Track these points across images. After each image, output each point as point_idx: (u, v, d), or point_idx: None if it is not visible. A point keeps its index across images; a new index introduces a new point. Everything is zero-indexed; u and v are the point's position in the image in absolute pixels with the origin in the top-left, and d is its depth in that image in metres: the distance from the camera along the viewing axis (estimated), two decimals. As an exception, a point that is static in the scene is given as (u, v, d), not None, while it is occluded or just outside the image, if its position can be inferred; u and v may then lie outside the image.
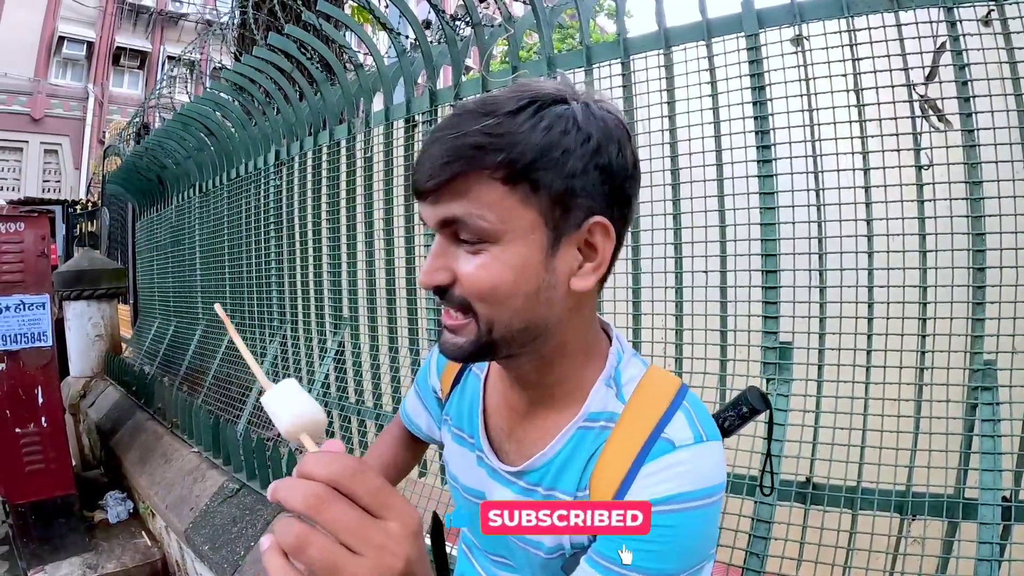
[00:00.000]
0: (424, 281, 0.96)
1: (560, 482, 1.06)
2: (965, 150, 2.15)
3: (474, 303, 0.94)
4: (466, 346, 0.98)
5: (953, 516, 2.09)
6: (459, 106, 0.95)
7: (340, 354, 4.12)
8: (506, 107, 0.90)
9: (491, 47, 3.19)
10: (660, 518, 0.92)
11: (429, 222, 0.96)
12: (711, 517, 0.98)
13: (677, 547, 0.94)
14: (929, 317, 2.20)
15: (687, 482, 0.95)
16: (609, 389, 1.07)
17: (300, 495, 0.66)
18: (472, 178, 0.89)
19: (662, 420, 1.01)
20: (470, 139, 0.89)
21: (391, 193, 3.80)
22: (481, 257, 0.92)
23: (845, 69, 2.32)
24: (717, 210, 2.53)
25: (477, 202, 0.90)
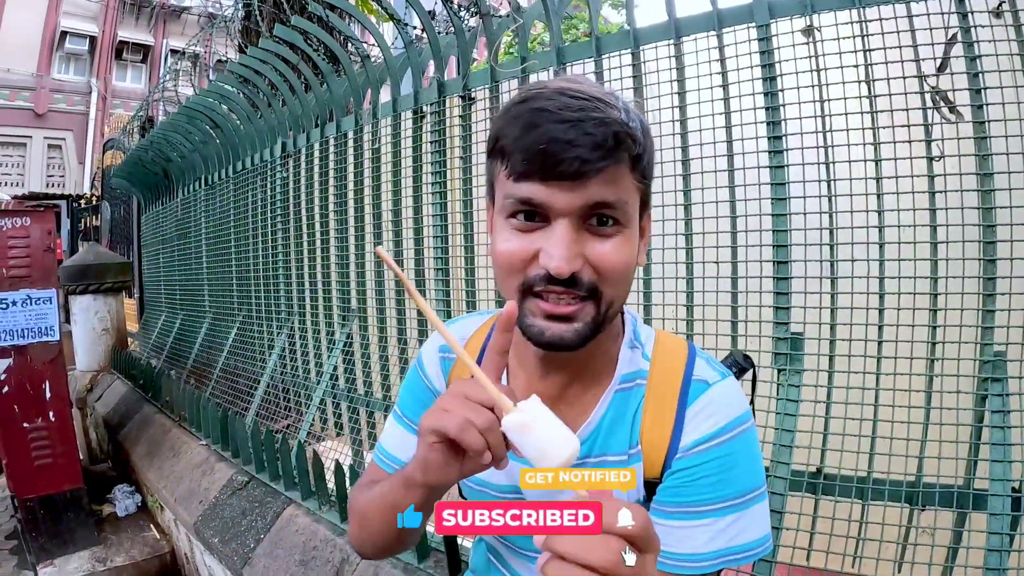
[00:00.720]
0: (566, 269, 0.94)
1: (610, 446, 1.13)
2: (976, 142, 2.14)
3: (603, 285, 0.99)
4: (583, 330, 1.00)
5: (963, 507, 2.09)
6: (563, 88, 0.96)
7: (348, 346, 4.12)
8: (616, 101, 0.97)
9: (499, 38, 3.18)
10: (718, 449, 1.06)
11: (562, 204, 0.95)
12: (755, 436, 1.12)
13: (738, 470, 1.06)
14: (940, 308, 2.19)
15: (729, 412, 1.08)
16: (634, 350, 1.17)
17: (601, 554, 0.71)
18: (621, 165, 0.96)
19: (687, 366, 1.13)
20: (618, 127, 0.94)
21: (399, 184, 3.80)
22: (615, 240, 0.98)
23: (856, 60, 2.31)
24: (728, 201, 2.53)
25: (622, 188, 0.97)
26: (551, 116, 0.92)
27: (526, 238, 0.98)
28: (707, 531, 1.03)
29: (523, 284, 1.00)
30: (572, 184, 0.93)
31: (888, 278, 2.26)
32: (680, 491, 1.06)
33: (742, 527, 1.04)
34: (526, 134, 0.94)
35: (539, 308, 1.00)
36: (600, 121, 0.92)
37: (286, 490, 3.63)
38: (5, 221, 4.44)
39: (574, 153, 0.91)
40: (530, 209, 0.97)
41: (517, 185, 0.96)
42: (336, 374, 4.14)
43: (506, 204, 1.00)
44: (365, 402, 3.90)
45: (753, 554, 1.06)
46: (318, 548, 3.07)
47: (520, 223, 0.99)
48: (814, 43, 2.38)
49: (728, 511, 1.04)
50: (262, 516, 3.56)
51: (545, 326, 1.00)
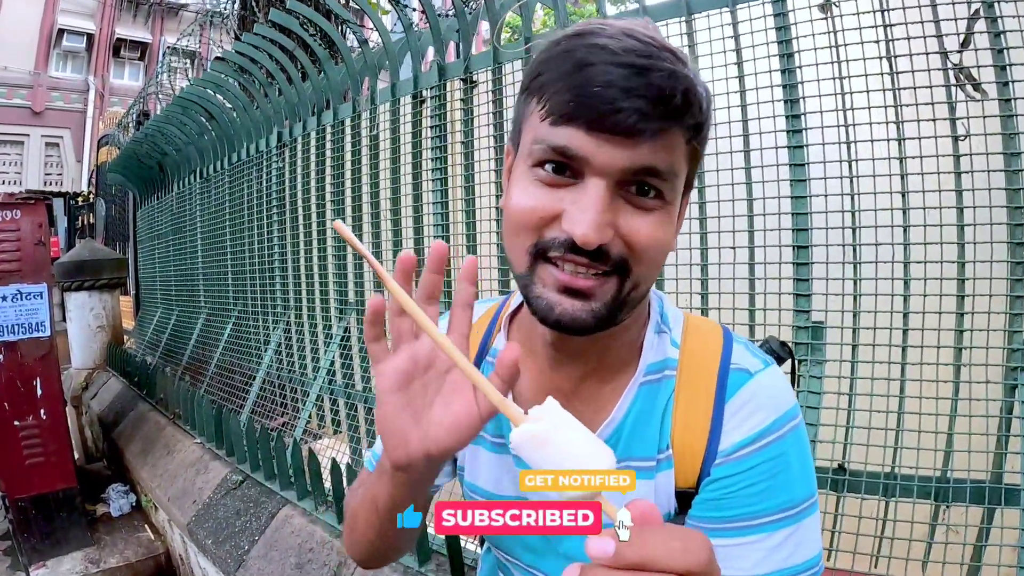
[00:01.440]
0: (594, 239, 0.79)
1: (634, 449, 0.97)
2: (1002, 119, 2.09)
3: (635, 263, 0.84)
4: (601, 310, 0.85)
5: (993, 502, 2.03)
6: (629, 29, 0.81)
7: (346, 340, 4.06)
8: (688, 60, 0.82)
9: (502, 18, 3.09)
10: (764, 452, 0.91)
11: (606, 161, 0.79)
12: (806, 435, 0.96)
13: (790, 474, 0.91)
14: (967, 294, 2.14)
15: (777, 407, 0.93)
16: (661, 335, 1.02)
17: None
18: (679, 132, 0.81)
19: (724, 354, 0.98)
20: (685, 85, 0.79)
21: (398, 172, 3.73)
22: (655, 215, 0.83)
23: (877, 36, 2.26)
24: (745, 183, 2.46)
25: (676, 158, 0.82)
26: (612, 57, 0.77)
27: (550, 194, 0.83)
28: (757, 549, 0.89)
29: (536, 246, 0.85)
30: (623, 140, 0.78)
31: (913, 263, 2.20)
32: (722, 504, 0.92)
33: (796, 543, 0.90)
34: (577, 71, 0.78)
35: (552, 277, 0.85)
36: (670, 74, 0.77)
37: (281, 490, 3.58)
38: (-6, 214, 4.38)
39: (634, 104, 0.76)
40: (563, 161, 0.82)
41: (554, 129, 0.81)
42: (333, 369, 4.09)
43: (535, 150, 0.84)
44: (363, 398, 3.83)
45: (811, 573, 0.90)
46: (314, 550, 3.00)
47: (547, 175, 0.83)
48: (832, 19, 2.32)
49: (781, 524, 0.89)
50: (257, 517, 3.49)
51: (556, 300, 0.85)
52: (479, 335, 1.16)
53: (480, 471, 1.12)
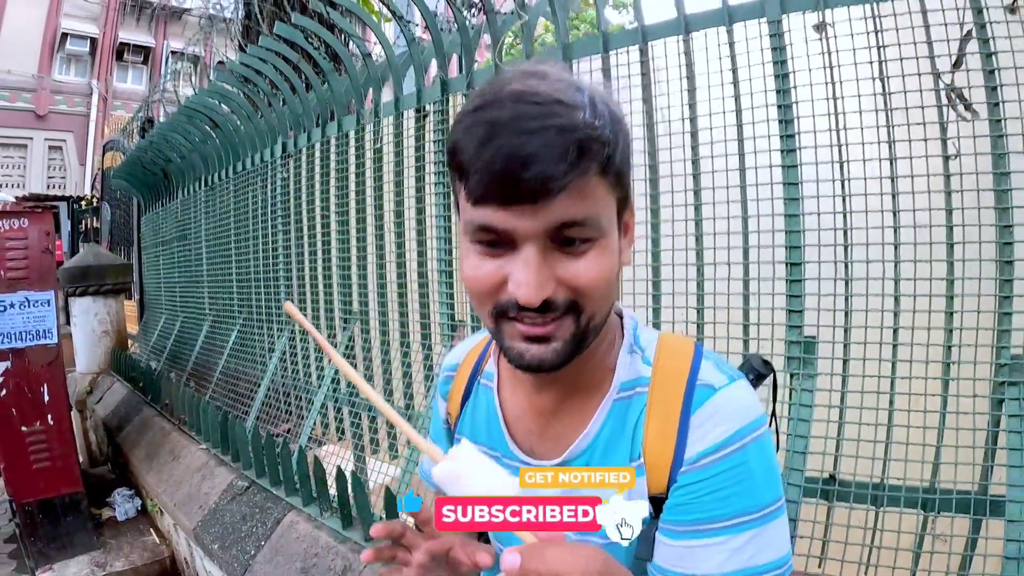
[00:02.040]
0: (536, 297, 0.87)
1: (609, 460, 1.05)
2: (992, 139, 2.13)
3: (583, 301, 0.92)
4: (563, 348, 0.94)
5: (979, 513, 2.07)
6: (518, 92, 0.87)
7: (350, 349, 4.10)
8: (579, 99, 0.87)
9: (504, 35, 3.14)
10: (727, 461, 0.97)
11: (524, 228, 0.87)
12: (770, 444, 1.02)
13: (753, 481, 0.97)
14: (955, 311, 2.18)
15: (739, 419, 0.99)
16: (634, 355, 1.09)
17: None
18: (587, 176, 0.86)
19: (692, 370, 1.04)
20: (582, 134, 0.84)
21: (402, 184, 3.77)
22: (591, 254, 0.90)
23: (870, 56, 2.30)
24: (739, 201, 2.51)
25: (593, 200, 0.88)
26: (506, 128, 0.83)
27: (494, 263, 0.91)
28: (722, 550, 0.95)
29: (494, 309, 0.94)
30: (535, 206, 0.85)
31: (903, 279, 2.24)
32: (688, 508, 0.98)
33: (761, 545, 0.95)
34: (481, 151, 0.84)
35: (515, 330, 0.94)
36: (561, 128, 0.83)
37: (287, 496, 3.60)
38: (2, 223, 4.44)
39: (534, 171, 0.82)
40: (492, 236, 0.89)
41: (476, 210, 0.88)
42: (337, 377, 4.13)
43: (468, 229, 0.92)
44: (367, 406, 3.87)
45: (775, 574, 0.95)
46: (319, 555, 3.04)
47: (485, 248, 0.91)
48: (827, 39, 2.36)
49: (744, 527, 0.95)
50: (263, 522, 3.53)
51: (524, 348, 0.94)
52: (472, 361, 1.28)
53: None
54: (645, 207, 2.69)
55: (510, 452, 1.15)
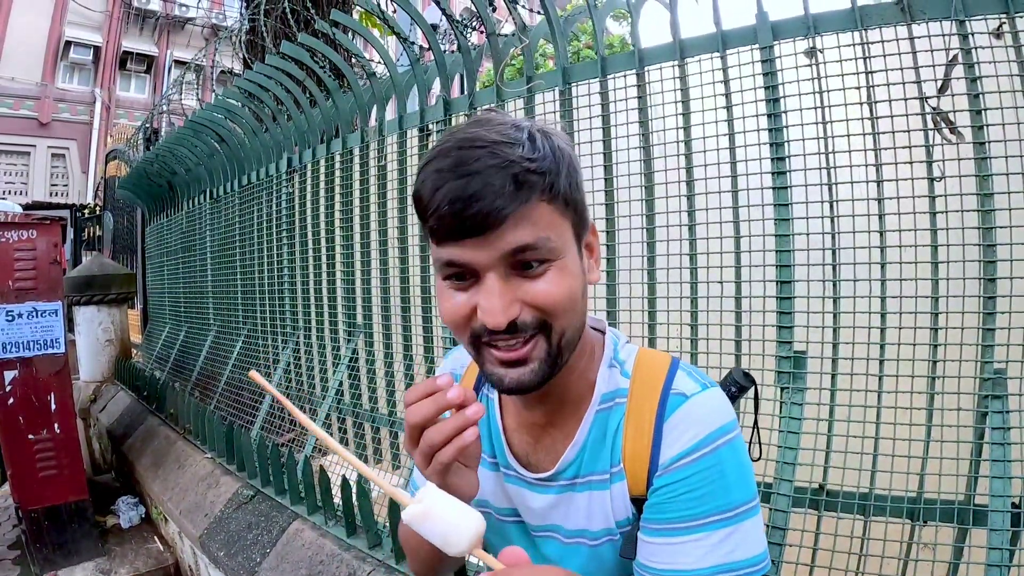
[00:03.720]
0: (501, 321, 0.95)
1: (594, 465, 1.14)
2: (977, 162, 2.16)
3: (551, 319, 0.99)
4: (540, 368, 1.01)
5: (964, 522, 2.11)
6: (463, 138, 0.97)
7: (354, 361, 4.14)
8: (518, 136, 0.97)
9: (506, 57, 3.21)
10: (699, 463, 1.04)
11: (482, 260, 0.95)
12: (742, 447, 1.08)
13: (725, 482, 1.03)
14: (941, 327, 2.21)
15: (709, 424, 1.06)
16: (613, 369, 1.17)
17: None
18: (532, 204, 0.95)
19: (667, 381, 1.12)
20: (518, 168, 0.93)
21: (405, 201, 3.81)
22: (550, 274, 0.98)
23: (859, 81, 2.33)
24: (732, 221, 2.55)
25: (541, 225, 0.96)
26: (451, 174, 0.93)
27: (463, 295, 1.00)
28: (699, 547, 1.00)
29: (471, 338, 1.03)
30: (484, 238, 0.93)
31: (890, 297, 2.28)
32: (665, 507, 1.05)
33: (737, 542, 1.01)
34: (433, 196, 0.94)
35: (492, 356, 1.02)
36: (498, 167, 0.93)
37: (292, 504, 3.64)
38: (11, 234, 4.46)
39: (476, 208, 0.91)
40: (458, 271, 0.98)
41: (440, 249, 0.98)
42: (342, 389, 4.16)
43: (436, 266, 1.02)
44: (371, 417, 3.92)
45: (753, 570, 1.01)
46: (324, 563, 3.08)
47: (454, 283, 1.00)
48: (817, 65, 2.40)
49: (719, 525, 1.01)
50: (268, 530, 3.57)
51: (503, 373, 1.02)
52: (476, 370, 1.33)
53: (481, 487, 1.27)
54: (641, 227, 2.74)
55: (508, 463, 1.22)
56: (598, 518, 1.14)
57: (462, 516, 0.84)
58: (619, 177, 2.82)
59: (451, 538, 0.83)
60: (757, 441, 1.78)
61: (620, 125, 2.82)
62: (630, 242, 2.77)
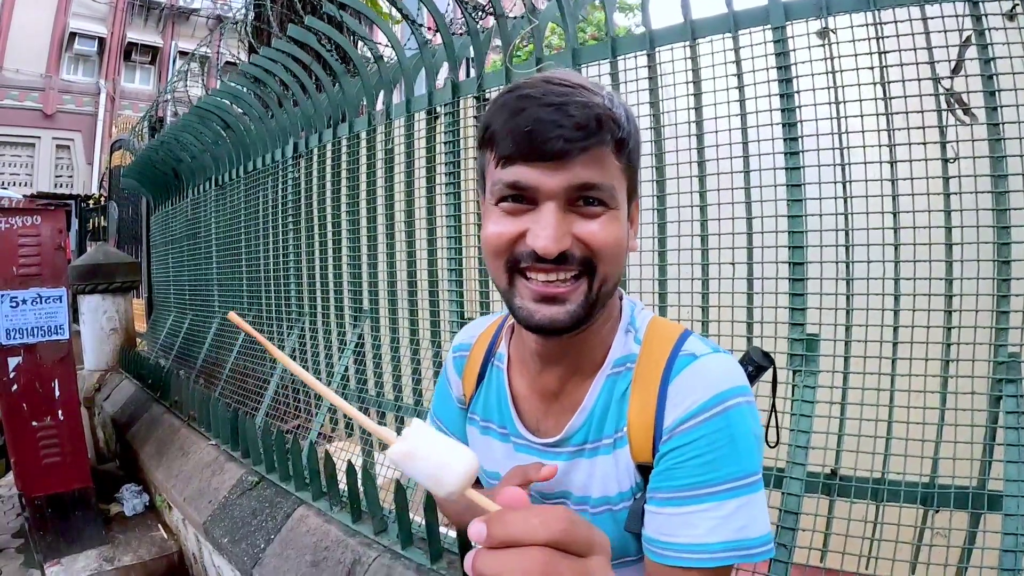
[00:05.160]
0: (554, 248, 0.95)
1: (602, 431, 1.12)
2: (990, 143, 2.15)
3: (598, 261, 0.99)
4: (576, 311, 1.00)
5: (978, 508, 2.09)
6: (547, 75, 0.99)
7: (360, 346, 4.13)
8: (600, 89, 0.99)
9: (515, 39, 3.19)
10: (706, 426, 0.99)
11: (549, 185, 0.95)
12: (754, 415, 1.03)
13: (736, 446, 0.99)
14: (954, 309, 2.20)
15: (716, 385, 1.02)
16: (628, 334, 1.16)
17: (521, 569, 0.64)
18: (605, 147, 0.97)
19: (676, 344, 1.10)
20: (600, 111, 0.95)
21: (412, 185, 3.81)
22: (605, 218, 0.99)
23: (871, 62, 2.32)
24: (744, 202, 2.54)
25: (607, 170, 0.98)
26: (536, 101, 0.94)
27: (514, 221, 0.99)
28: (709, 518, 0.96)
29: (509, 262, 1.01)
30: (557, 164, 0.94)
31: (903, 279, 2.27)
32: (672, 474, 1.00)
33: (749, 517, 0.96)
34: (512, 119, 0.95)
35: (528, 289, 1.00)
36: (583, 104, 0.94)
37: (297, 490, 3.63)
38: (15, 220, 4.46)
39: (557, 133, 0.92)
40: (518, 193, 0.98)
41: (504, 170, 0.97)
42: (347, 375, 4.15)
43: (494, 190, 1.01)
44: (376, 403, 3.91)
45: (763, 551, 0.96)
46: (329, 548, 3.07)
47: (509, 205, 0.99)
48: (829, 45, 2.39)
49: (730, 494, 0.96)
50: (272, 516, 3.56)
51: (535, 308, 1.00)
52: (486, 342, 1.33)
53: (492, 458, 1.27)
54: (652, 208, 2.73)
55: (517, 431, 1.21)
56: (597, 486, 1.12)
57: (451, 454, 0.79)
58: (630, 159, 2.79)
59: (440, 478, 0.77)
60: (775, 425, 1.75)
61: (631, 106, 2.78)
62: (641, 223, 2.72)
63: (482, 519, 0.69)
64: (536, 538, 0.64)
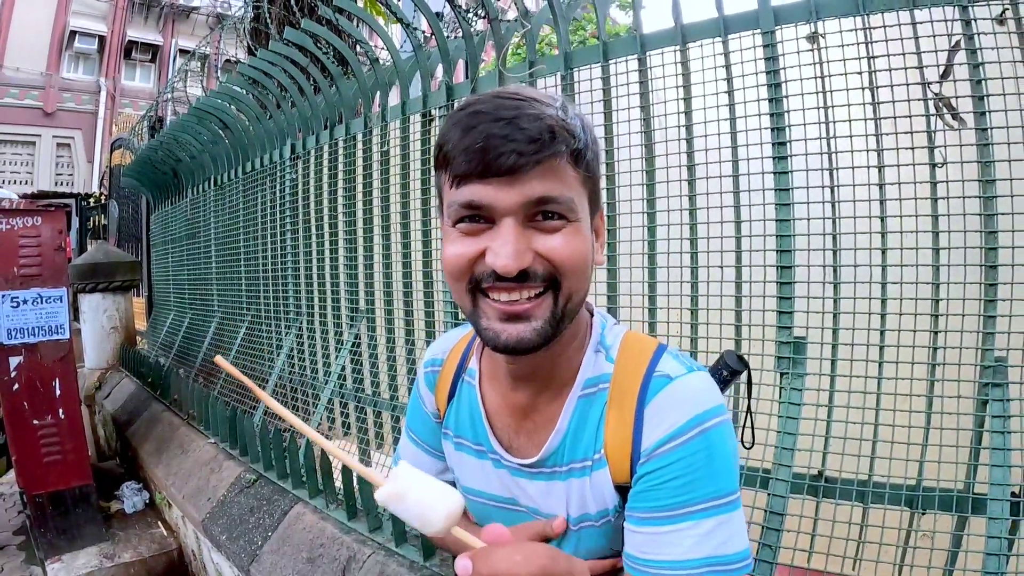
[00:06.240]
0: (514, 265, 0.94)
1: (575, 453, 1.11)
2: (979, 148, 2.16)
3: (561, 276, 0.99)
4: (543, 327, 0.99)
5: (963, 511, 2.11)
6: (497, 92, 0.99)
7: (356, 346, 4.15)
8: (552, 100, 0.99)
9: (508, 43, 3.20)
10: (684, 448, 0.99)
11: (504, 203, 0.95)
12: (730, 434, 1.03)
13: (714, 467, 0.99)
14: (941, 314, 2.21)
15: (695, 406, 1.01)
16: (598, 354, 1.15)
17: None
18: (560, 159, 0.96)
19: (650, 364, 1.08)
20: (552, 122, 0.95)
21: (408, 187, 3.82)
22: (564, 233, 0.98)
23: (860, 67, 2.33)
24: (732, 206, 2.54)
25: (565, 182, 0.98)
26: (487, 117, 0.94)
27: (473, 241, 0.99)
28: (689, 536, 0.96)
29: (471, 283, 1.00)
30: (511, 179, 0.93)
31: (890, 283, 2.28)
32: (650, 495, 1.00)
33: (728, 534, 0.97)
34: (464, 137, 0.94)
35: (493, 309, 1.00)
36: (535, 116, 0.94)
37: (294, 488, 3.65)
38: (16, 220, 4.47)
39: (510, 147, 0.92)
40: (474, 212, 0.97)
41: (459, 190, 0.97)
42: (344, 374, 4.17)
43: (451, 212, 1.00)
44: (372, 402, 3.93)
45: (742, 566, 0.97)
46: (325, 546, 3.09)
47: (466, 226, 0.99)
48: (818, 50, 2.40)
49: (707, 514, 0.97)
50: (270, 514, 3.58)
51: (500, 328, 1.00)
52: (457, 357, 1.33)
53: (468, 474, 1.27)
54: (642, 211, 2.74)
55: (493, 448, 1.21)
56: (574, 505, 1.12)
57: (437, 495, 0.82)
58: (620, 162, 2.82)
59: (427, 517, 0.81)
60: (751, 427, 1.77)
61: (622, 110, 2.82)
62: (631, 226, 2.76)
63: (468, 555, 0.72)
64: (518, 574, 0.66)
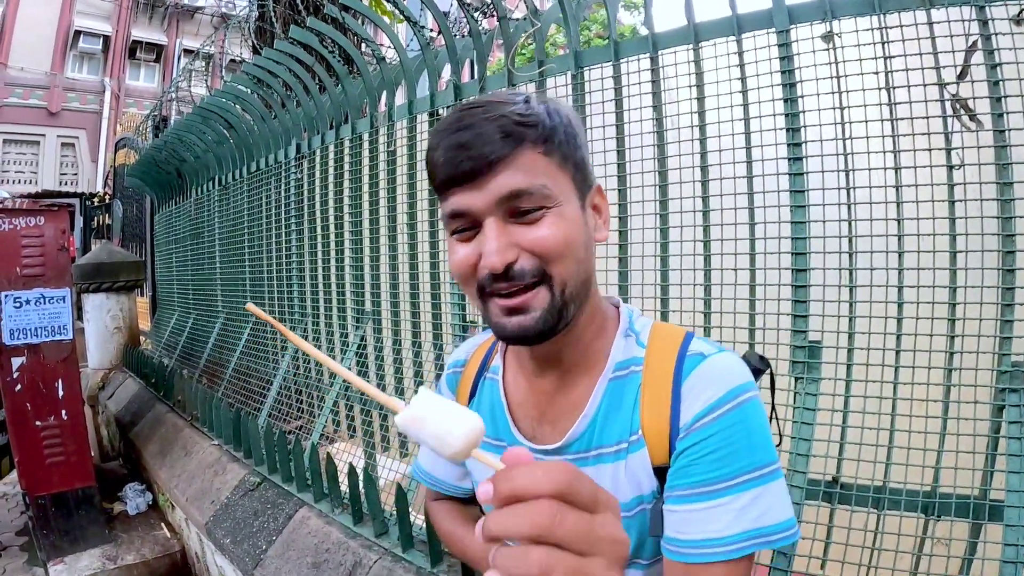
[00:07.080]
0: (498, 262, 0.98)
1: (604, 438, 1.12)
2: (996, 150, 2.13)
3: (549, 265, 1.01)
4: (543, 316, 1.02)
5: (979, 517, 2.08)
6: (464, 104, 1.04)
7: (362, 348, 4.13)
8: (513, 98, 1.04)
9: (517, 42, 3.18)
10: (721, 421, 1.03)
11: (479, 204, 0.99)
12: (762, 408, 1.07)
13: (750, 440, 1.02)
14: (958, 318, 2.18)
15: (728, 381, 1.05)
16: (628, 338, 1.18)
17: (529, 520, 0.62)
18: (523, 151, 1.00)
19: (683, 346, 1.12)
20: (508, 119, 1.00)
21: (415, 187, 3.80)
22: (547, 219, 1.01)
23: (876, 67, 2.31)
24: (747, 208, 2.52)
25: (534, 172, 1.00)
26: (450, 129, 1.00)
27: (469, 246, 1.03)
28: (727, 511, 0.99)
29: (478, 288, 1.05)
30: (479, 182, 0.99)
31: (906, 287, 2.25)
32: (689, 471, 1.03)
33: (766, 505, 0.99)
34: (435, 153, 1.01)
35: (497, 306, 1.04)
36: (490, 119, 0.99)
37: (299, 492, 3.63)
38: (19, 220, 4.45)
39: (467, 153, 0.97)
40: (462, 220, 1.03)
41: (446, 202, 1.04)
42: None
43: (445, 223, 1.07)
44: (377, 405, 3.89)
45: (785, 536, 0.99)
46: (331, 550, 3.07)
47: (460, 235, 1.04)
48: (834, 49, 2.37)
49: (747, 486, 0.99)
50: (274, 517, 3.56)
51: (506, 321, 1.04)
52: (480, 357, 1.36)
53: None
54: (655, 212, 2.71)
55: (514, 438, 1.22)
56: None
57: (456, 417, 0.79)
58: (632, 163, 2.80)
59: (446, 439, 0.78)
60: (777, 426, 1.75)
61: (633, 110, 2.79)
62: (643, 228, 2.74)
63: (487, 479, 0.69)
64: (541, 489, 0.64)
